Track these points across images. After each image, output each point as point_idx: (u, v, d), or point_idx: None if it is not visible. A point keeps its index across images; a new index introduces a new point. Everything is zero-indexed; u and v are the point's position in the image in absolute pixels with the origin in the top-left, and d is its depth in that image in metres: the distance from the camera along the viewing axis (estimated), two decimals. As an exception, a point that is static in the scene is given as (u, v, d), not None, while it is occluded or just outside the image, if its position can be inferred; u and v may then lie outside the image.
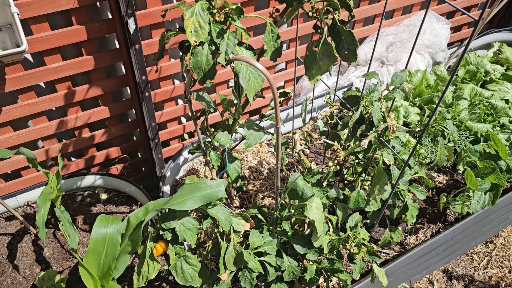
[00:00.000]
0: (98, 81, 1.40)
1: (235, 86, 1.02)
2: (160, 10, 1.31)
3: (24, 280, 1.39)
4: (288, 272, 1.18)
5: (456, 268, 1.63)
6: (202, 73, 0.91)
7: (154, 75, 1.47)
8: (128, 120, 1.64)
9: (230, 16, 0.92)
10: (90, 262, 1.09)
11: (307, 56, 0.98)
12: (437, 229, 1.64)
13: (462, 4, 2.03)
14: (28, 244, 1.48)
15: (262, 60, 1.60)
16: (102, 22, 1.27)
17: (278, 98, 1.08)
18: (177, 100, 1.69)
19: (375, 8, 1.80)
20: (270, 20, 0.95)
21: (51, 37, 1.23)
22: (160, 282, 1.40)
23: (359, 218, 1.28)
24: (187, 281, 1.08)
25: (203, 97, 1.20)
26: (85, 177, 1.60)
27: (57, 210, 1.20)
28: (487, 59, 2.02)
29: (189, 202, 0.99)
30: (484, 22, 1.88)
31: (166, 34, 0.99)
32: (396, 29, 1.93)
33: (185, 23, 0.84)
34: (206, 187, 1.03)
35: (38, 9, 1.16)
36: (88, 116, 1.47)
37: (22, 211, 1.57)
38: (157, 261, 1.07)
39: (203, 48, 0.89)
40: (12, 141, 1.39)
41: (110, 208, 1.60)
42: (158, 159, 1.66)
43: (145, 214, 1.02)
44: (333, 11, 0.93)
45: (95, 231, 1.09)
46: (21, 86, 1.28)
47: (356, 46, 0.94)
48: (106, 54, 1.35)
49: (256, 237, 1.16)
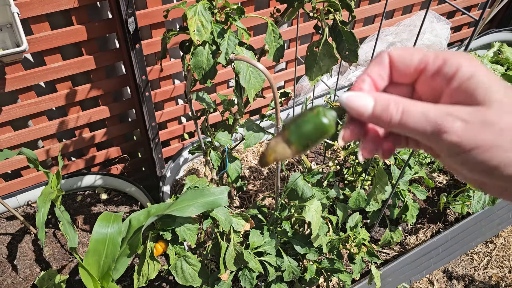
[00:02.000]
0: (98, 81, 1.40)
1: (236, 86, 1.02)
2: (160, 10, 1.31)
3: (24, 280, 1.39)
4: (288, 272, 1.18)
5: (456, 268, 1.63)
6: (202, 73, 0.91)
7: (154, 75, 1.47)
8: (128, 120, 1.64)
9: (231, 16, 0.92)
10: (90, 262, 1.09)
11: (308, 57, 0.98)
12: (437, 229, 1.64)
13: (462, 4, 2.03)
14: (28, 244, 1.48)
15: (262, 60, 1.60)
16: (102, 22, 1.27)
17: (279, 98, 1.08)
18: (177, 100, 1.69)
19: (376, 8, 1.80)
20: (271, 20, 0.95)
21: (51, 37, 1.23)
22: (160, 282, 1.40)
23: (360, 218, 1.28)
24: (187, 281, 1.08)
25: (203, 98, 1.20)
26: (85, 177, 1.60)
27: (57, 210, 1.19)
28: (488, 59, 2.02)
29: (191, 209, 0.99)
30: (485, 22, 1.88)
31: (167, 34, 0.99)
32: (396, 29, 1.93)
33: (188, 22, 0.84)
34: (209, 193, 1.02)
35: (38, 8, 1.16)
36: (89, 116, 1.47)
37: (22, 211, 1.57)
38: (157, 261, 1.07)
39: (204, 48, 0.89)
40: (12, 141, 1.39)
41: (111, 208, 1.60)
42: (158, 159, 1.66)
43: (147, 217, 1.02)
44: (334, 11, 0.92)
45: (95, 231, 1.09)
46: (21, 86, 1.28)
47: (357, 47, 0.94)
48: (106, 54, 1.35)
49: (256, 237, 1.16)
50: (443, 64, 0.31)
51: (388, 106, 0.31)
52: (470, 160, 0.29)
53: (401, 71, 0.33)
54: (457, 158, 0.30)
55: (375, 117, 0.32)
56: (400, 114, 0.31)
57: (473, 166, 0.29)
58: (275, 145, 0.36)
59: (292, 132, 0.35)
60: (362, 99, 0.32)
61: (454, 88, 0.31)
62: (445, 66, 0.31)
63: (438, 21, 1.99)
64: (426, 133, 0.30)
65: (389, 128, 0.32)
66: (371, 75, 0.34)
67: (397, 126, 0.31)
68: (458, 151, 0.29)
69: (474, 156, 0.29)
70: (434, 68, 0.32)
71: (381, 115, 0.31)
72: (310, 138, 0.35)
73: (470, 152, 0.29)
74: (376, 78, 0.34)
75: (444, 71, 0.31)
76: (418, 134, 0.30)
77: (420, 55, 0.32)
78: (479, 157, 0.29)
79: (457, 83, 0.30)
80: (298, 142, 0.35)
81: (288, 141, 0.35)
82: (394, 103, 0.31)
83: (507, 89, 0.29)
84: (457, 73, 0.30)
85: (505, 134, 0.28)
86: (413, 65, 0.33)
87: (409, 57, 0.33)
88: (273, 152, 0.36)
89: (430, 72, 0.32)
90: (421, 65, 0.32)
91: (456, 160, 0.30)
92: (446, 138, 0.29)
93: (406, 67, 0.33)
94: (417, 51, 0.33)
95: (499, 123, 0.28)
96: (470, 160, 0.29)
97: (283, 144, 0.36)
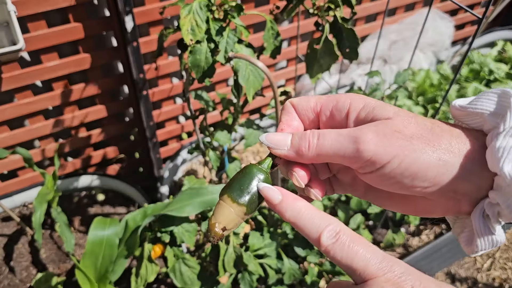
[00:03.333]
0: (95, 79, 1.38)
1: (234, 84, 1.00)
2: (158, 7, 1.29)
3: (21, 282, 1.37)
4: (288, 275, 1.16)
5: (459, 270, 1.61)
6: (200, 71, 0.89)
7: (152, 73, 1.45)
8: (126, 120, 1.62)
9: (230, 14, 0.90)
10: (87, 264, 1.07)
11: (308, 54, 0.96)
12: (440, 230, 1.62)
13: (465, 2, 2.01)
14: (24, 246, 1.46)
15: (262, 58, 1.58)
16: (99, 20, 1.25)
17: (279, 97, 1.06)
18: (176, 99, 1.67)
19: (378, 5, 1.77)
20: (270, 18, 0.93)
21: (48, 35, 1.21)
22: (158, 285, 1.38)
23: (362, 219, 1.26)
24: (185, 283, 1.06)
25: (202, 96, 1.18)
26: (82, 177, 1.58)
27: (54, 211, 1.18)
28: (491, 58, 1.99)
29: (188, 208, 0.97)
30: (488, 20, 1.85)
31: (164, 32, 0.97)
32: (398, 27, 1.91)
33: (181, 22, 0.82)
34: (207, 192, 1.00)
35: (35, 7, 1.14)
36: (85, 115, 1.45)
37: (19, 212, 1.56)
38: (155, 263, 1.05)
39: (202, 46, 0.86)
40: (8, 141, 1.37)
41: (108, 209, 1.58)
42: (156, 159, 1.64)
43: (143, 218, 1.00)
44: (334, 8, 0.90)
45: (92, 233, 1.07)
46: (17, 85, 1.26)
47: (357, 44, 0.92)
48: (104, 52, 1.33)
49: (256, 239, 1.14)
50: (337, 102, 0.34)
51: (305, 134, 0.33)
52: (392, 170, 0.30)
53: (303, 115, 0.36)
54: (378, 172, 0.31)
55: (294, 147, 0.34)
56: (316, 139, 0.32)
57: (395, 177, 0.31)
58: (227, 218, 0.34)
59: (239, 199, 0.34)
60: (279, 135, 0.34)
61: (352, 120, 0.33)
62: (338, 104, 0.34)
63: (441, 19, 1.97)
64: (344, 149, 0.31)
65: (310, 156, 0.33)
66: (284, 123, 0.36)
67: (315, 150, 0.32)
68: (377, 164, 0.30)
69: (394, 166, 0.30)
70: (330, 107, 0.35)
71: (299, 143, 0.33)
72: (254, 195, 0.34)
73: (390, 162, 0.30)
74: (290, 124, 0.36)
75: (339, 107, 0.34)
76: (337, 153, 0.32)
77: (315, 98, 0.36)
78: (401, 165, 0.30)
79: (354, 114, 0.33)
80: (250, 207, 0.34)
81: (239, 210, 0.34)
82: (310, 132, 0.33)
83: (396, 108, 0.32)
84: (350, 107, 0.33)
85: (414, 141, 0.30)
86: (310, 108, 0.35)
87: (306, 101, 0.36)
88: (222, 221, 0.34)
89: (327, 111, 0.35)
90: (318, 107, 0.35)
91: (379, 175, 0.31)
92: (364, 149, 0.30)
93: (305, 110, 0.36)
94: (314, 96, 0.36)
95: (405, 131, 0.30)
96: (393, 170, 0.30)
97: (234, 214, 0.34)
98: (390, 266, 0.28)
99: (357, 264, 0.28)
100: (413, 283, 0.27)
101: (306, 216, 0.31)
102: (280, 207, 0.32)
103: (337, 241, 0.29)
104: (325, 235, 0.29)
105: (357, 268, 0.28)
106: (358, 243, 0.29)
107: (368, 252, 0.29)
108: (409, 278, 0.28)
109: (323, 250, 0.30)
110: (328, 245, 0.29)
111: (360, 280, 0.29)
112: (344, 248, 0.29)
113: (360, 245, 0.29)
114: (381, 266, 0.28)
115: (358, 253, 0.29)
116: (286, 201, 0.32)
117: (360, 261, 0.28)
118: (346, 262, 0.29)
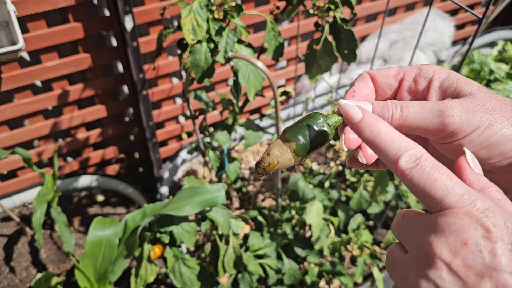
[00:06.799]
0: (95, 79, 1.38)
1: (234, 85, 1.00)
2: (158, 7, 1.29)
3: (21, 283, 1.37)
4: (288, 275, 1.16)
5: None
6: (200, 71, 0.89)
7: (152, 73, 1.44)
8: (125, 120, 1.62)
9: (229, 14, 0.89)
10: (86, 265, 1.07)
11: (307, 55, 0.96)
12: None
13: (465, 2, 2.00)
14: (24, 246, 1.46)
15: (262, 59, 1.58)
16: (99, 20, 1.25)
17: (279, 97, 1.06)
18: (175, 99, 1.67)
19: (378, 5, 1.77)
20: (270, 18, 0.92)
21: (48, 35, 1.20)
22: (158, 285, 1.38)
23: (362, 219, 1.26)
24: (185, 284, 1.06)
25: (201, 97, 1.18)
26: (81, 177, 1.57)
27: (54, 211, 1.17)
28: (491, 58, 1.99)
29: (188, 208, 0.97)
30: (488, 20, 1.85)
31: (164, 32, 0.97)
32: (399, 26, 1.91)
33: (182, 21, 0.82)
34: (206, 191, 1.00)
35: (34, 6, 1.14)
36: (85, 115, 1.45)
37: (19, 212, 1.55)
38: (155, 264, 1.04)
39: (202, 46, 0.86)
40: (7, 141, 1.37)
41: (107, 210, 1.58)
42: (155, 159, 1.63)
43: (143, 218, 1.00)
44: (334, 8, 0.90)
45: (91, 234, 1.07)
46: (17, 85, 1.26)
47: (356, 46, 0.92)
48: (103, 52, 1.32)
49: (256, 240, 1.14)
50: (420, 70, 0.35)
51: (386, 105, 0.33)
52: (472, 141, 0.32)
53: (383, 83, 0.37)
54: (458, 142, 0.32)
55: None
56: (400, 111, 0.32)
57: (473, 147, 0.32)
58: (278, 154, 0.35)
59: (293, 139, 0.34)
60: (360, 103, 0.34)
61: (435, 88, 0.34)
62: (422, 72, 0.35)
63: (441, 19, 1.96)
64: (429, 122, 0.32)
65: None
66: (357, 88, 0.37)
67: (398, 121, 0.33)
68: (459, 135, 0.32)
69: (475, 137, 0.31)
70: (413, 75, 0.36)
71: (382, 114, 0.33)
72: (312, 144, 0.35)
73: (471, 133, 0.31)
74: (363, 91, 0.37)
75: (423, 75, 0.35)
76: (421, 126, 0.32)
77: (396, 68, 0.37)
78: (481, 136, 0.31)
79: (438, 82, 0.34)
80: (301, 149, 0.34)
81: (291, 149, 0.34)
82: (391, 102, 0.33)
83: (478, 83, 0.33)
84: (435, 75, 0.34)
85: (495, 114, 0.32)
86: (392, 75, 0.36)
87: (387, 70, 0.37)
88: (276, 160, 0.34)
89: (410, 78, 0.36)
90: (400, 75, 0.36)
91: (457, 145, 0.32)
92: (450, 122, 0.31)
93: (386, 78, 0.36)
94: (394, 67, 0.37)
95: (487, 105, 0.32)
96: (472, 141, 0.32)
97: (286, 152, 0.34)
98: (472, 200, 0.26)
99: (435, 192, 0.27)
100: (496, 221, 0.25)
101: (386, 137, 0.30)
102: (360, 125, 0.31)
103: (417, 166, 0.28)
104: (404, 158, 0.28)
105: (435, 196, 0.27)
106: (440, 171, 0.27)
107: (450, 181, 0.27)
108: (492, 215, 0.25)
109: (398, 174, 0.28)
110: (406, 169, 0.28)
111: (436, 209, 0.27)
112: (423, 174, 0.27)
113: (442, 173, 0.27)
114: (462, 199, 0.26)
115: (438, 180, 0.27)
116: (367, 119, 0.31)
117: (440, 189, 0.27)
118: (424, 188, 0.27)
